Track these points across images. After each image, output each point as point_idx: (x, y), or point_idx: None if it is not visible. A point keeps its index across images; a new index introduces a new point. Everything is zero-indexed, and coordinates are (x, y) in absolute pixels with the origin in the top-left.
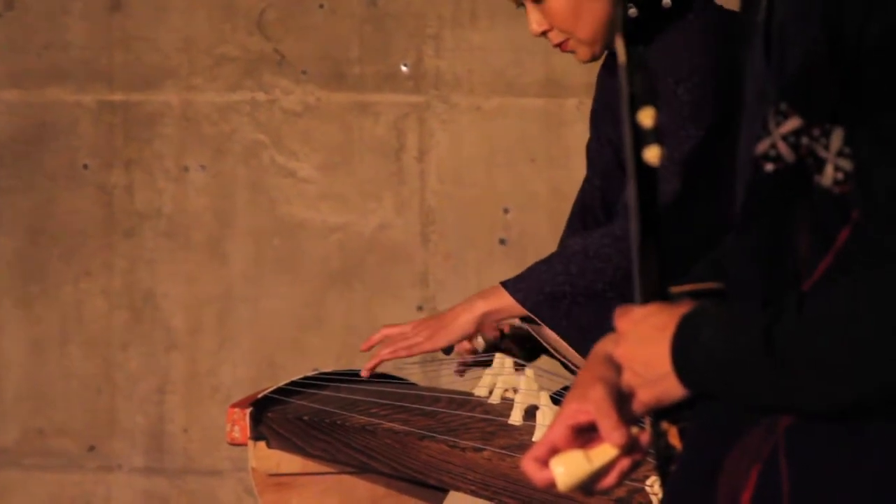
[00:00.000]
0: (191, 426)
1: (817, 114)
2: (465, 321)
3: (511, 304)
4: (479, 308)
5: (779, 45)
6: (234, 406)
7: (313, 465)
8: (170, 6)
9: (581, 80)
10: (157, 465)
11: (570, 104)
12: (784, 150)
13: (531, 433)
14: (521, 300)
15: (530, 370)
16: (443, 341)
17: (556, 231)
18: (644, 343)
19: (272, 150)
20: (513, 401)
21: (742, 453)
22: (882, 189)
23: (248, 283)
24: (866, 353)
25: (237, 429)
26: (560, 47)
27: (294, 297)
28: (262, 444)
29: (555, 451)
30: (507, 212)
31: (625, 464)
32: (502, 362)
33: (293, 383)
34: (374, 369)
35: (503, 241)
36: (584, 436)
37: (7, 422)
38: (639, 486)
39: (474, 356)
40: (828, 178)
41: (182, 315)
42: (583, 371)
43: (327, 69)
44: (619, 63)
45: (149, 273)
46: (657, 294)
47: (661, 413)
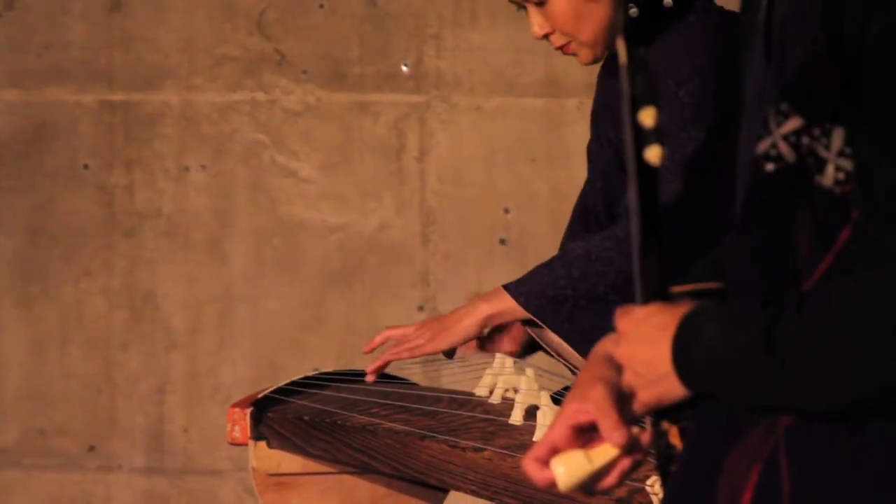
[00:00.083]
0: (191, 426)
1: (818, 114)
2: (468, 324)
3: (513, 307)
4: (482, 311)
5: (779, 45)
6: (235, 406)
7: (314, 465)
8: (170, 6)
9: (581, 80)
10: (158, 465)
11: (571, 104)
12: (785, 149)
13: (532, 433)
14: (523, 304)
15: (531, 370)
16: (445, 343)
17: (556, 231)
18: (645, 343)
19: (272, 150)
20: (513, 401)
21: (742, 453)
22: (882, 189)
23: (249, 282)
24: (866, 353)
25: (238, 429)
26: (562, 50)
27: (294, 297)
28: (263, 444)
29: (555, 450)
30: (507, 212)
31: (625, 464)
32: (503, 362)
33: (293, 383)
34: (378, 371)
35: (503, 241)
36: (585, 436)
37: (7, 422)
38: (639, 485)
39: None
40: (829, 177)
41: (182, 315)
42: (583, 371)
43: (328, 69)
44: (621, 63)
45: (149, 273)
46: (658, 294)
47: (662, 413)
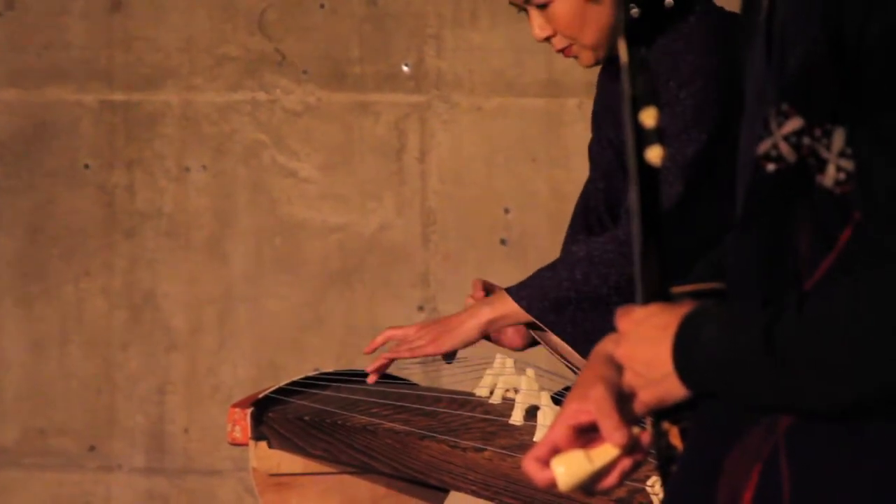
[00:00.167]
0: (191, 426)
1: (818, 114)
2: (470, 327)
3: (516, 310)
4: (485, 315)
5: (780, 46)
6: (235, 406)
7: (314, 465)
8: (170, 6)
9: (582, 80)
10: (158, 464)
11: (571, 104)
12: (786, 150)
13: (532, 433)
14: (525, 307)
15: (531, 370)
16: (446, 346)
17: (556, 231)
18: (645, 343)
19: (273, 150)
20: (514, 401)
21: (742, 453)
22: (882, 189)
23: (249, 282)
24: (866, 353)
25: (238, 429)
26: (563, 53)
27: (294, 297)
28: (264, 444)
29: (556, 451)
30: (507, 212)
31: (626, 464)
32: (503, 362)
33: (294, 383)
34: (379, 371)
35: (504, 242)
36: (586, 436)
37: (7, 421)
38: (640, 486)
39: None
40: (829, 178)
41: (182, 315)
42: (584, 371)
43: (328, 69)
44: (622, 64)
45: (149, 273)
46: (659, 294)
47: (663, 413)
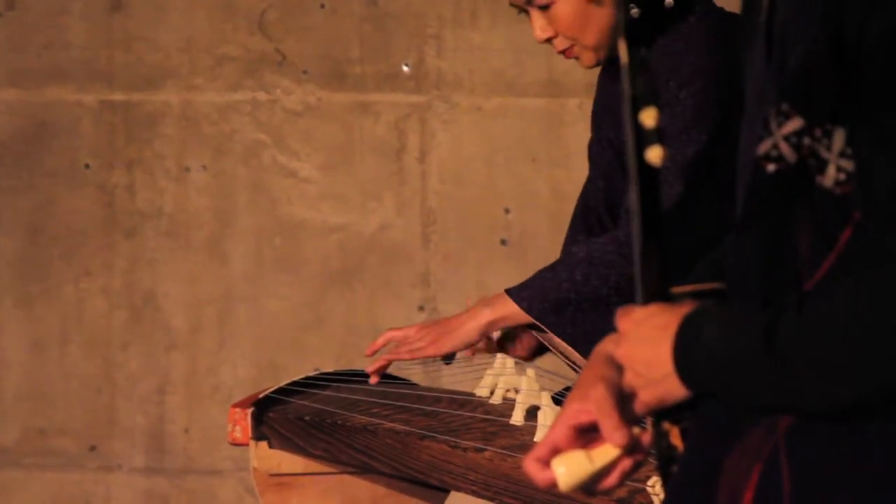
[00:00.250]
0: (191, 426)
1: (819, 114)
2: (470, 329)
3: (516, 311)
4: (485, 316)
5: (780, 46)
6: (236, 406)
7: (314, 465)
8: (170, 6)
9: (582, 81)
10: (158, 464)
11: (572, 104)
12: (786, 150)
13: (532, 433)
14: (526, 308)
15: (531, 370)
16: (446, 347)
17: (556, 231)
18: (646, 343)
19: (273, 150)
20: (514, 401)
21: (743, 453)
22: (882, 189)
23: (249, 282)
24: (866, 353)
25: (239, 429)
26: (564, 54)
27: (294, 297)
28: (264, 444)
29: (556, 451)
30: (507, 212)
31: (626, 464)
32: (504, 362)
33: (294, 383)
34: (379, 372)
35: (504, 242)
36: (586, 436)
37: (7, 421)
38: (640, 486)
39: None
40: (830, 178)
41: (182, 315)
42: (584, 371)
43: (328, 69)
44: (622, 64)
45: (149, 273)
46: (659, 294)
47: (663, 413)
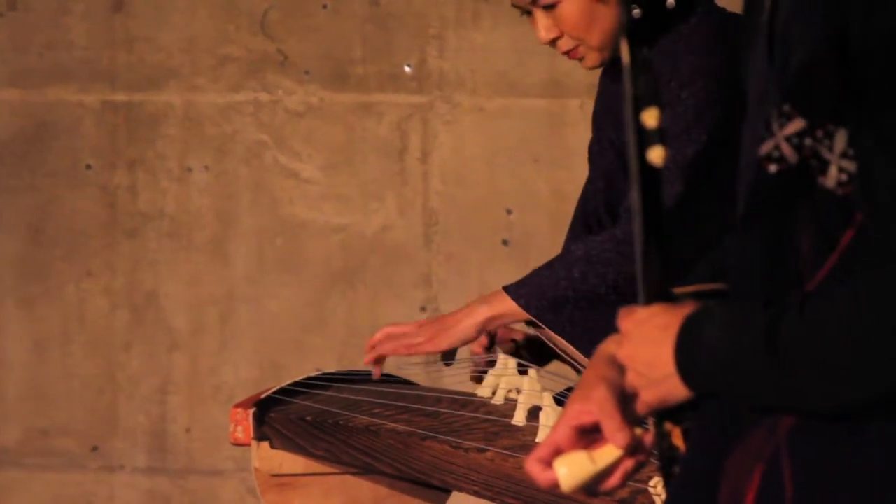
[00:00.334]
0: (193, 426)
1: (820, 115)
2: (468, 326)
3: (514, 309)
4: (483, 313)
5: (782, 46)
6: (238, 406)
7: (316, 466)
8: (172, 6)
9: (583, 81)
10: (160, 465)
11: (573, 105)
12: (788, 151)
13: (534, 434)
14: (523, 305)
15: (533, 371)
16: (444, 344)
17: (558, 232)
18: (647, 344)
19: (275, 151)
20: (516, 401)
21: (744, 454)
22: (883, 189)
23: (251, 283)
24: (868, 354)
25: (240, 429)
26: (568, 55)
27: (296, 298)
28: (266, 445)
29: (558, 451)
30: (509, 212)
31: (628, 465)
32: (505, 363)
33: (296, 384)
34: (375, 363)
35: (506, 242)
36: (588, 437)
37: (9, 422)
38: (642, 487)
39: (486, 356)
40: (831, 179)
41: (184, 315)
42: (586, 372)
43: (330, 69)
44: (624, 64)
45: (151, 273)
46: (660, 295)
47: (665, 414)
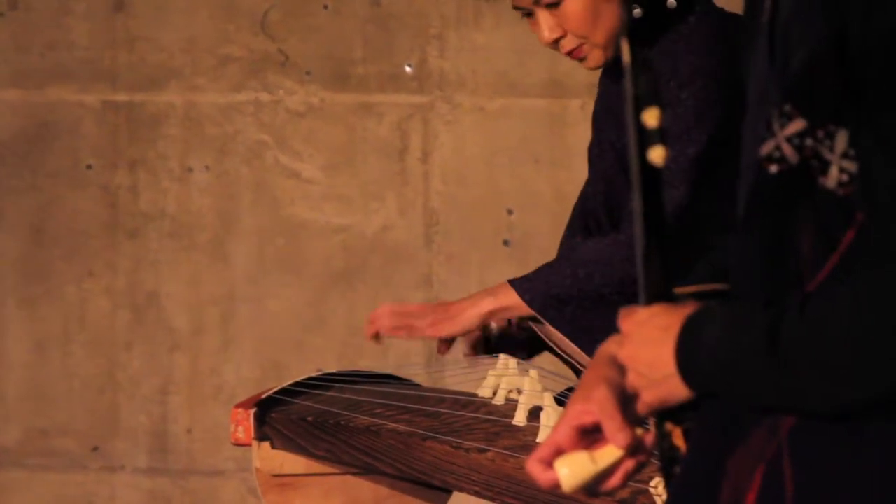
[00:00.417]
0: (194, 426)
1: (821, 115)
2: (471, 316)
3: (518, 303)
4: (487, 305)
5: (783, 47)
6: (238, 406)
7: (317, 466)
8: (173, 6)
9: (584, 81)
10: (161, 465)
11: (574, 105)
12: (788, 151)
13: (535, 434)
14: (528, 301)
15: (534, 371)
16: (445, 331)
17: (559, 232)
18: (648, 344)
19: (276, 151)
20: (516, 402)
21: (745, 455)
22: (883, 189)
23: (252, 283)
24: (868, 354)
25: (241, 429)
26: (571, 54)
27: (297, 298)
28: (267, 445)
29: (559, 452)
30: (510, 213)
31: (629, 465)
32: (506, 363)
33: (297, 384)
34: (374, 337)
35: (507, 243)
36: (589, 437)
37: (10, 422)
38: (643, 487)
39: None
40: (832, 179)
41: (185, 315)
42: (587, 372)
43: (331, 70)
44: (624, 64)
45: (152, 273)
46: (661, 295)
47: (666, 414)
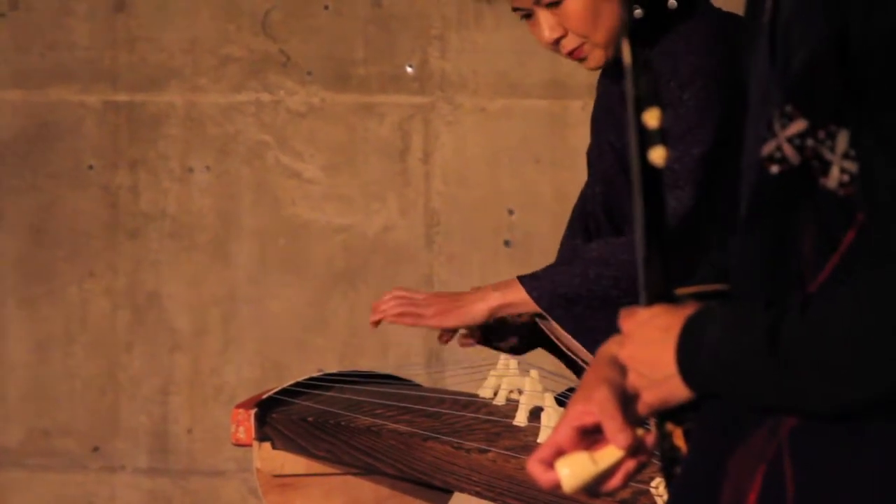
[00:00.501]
0: (195, 427)
1: (822, 116)
2: (480, 309)
3: (525, 299)
4: (494, 300)
5: (784, 47)
6: (239, 407)
7: (318, 466)
8: (174, 7)
9: (585, 82)
10: (161, 465)
11: (575, 105)
12: (789, 152)
13: (536, 434)
14: (536, 298)
15: (535, 371)
16: (451, 322)
17: (560, 233)
18: (649, 344)
19: (277, 151)
20: (517, 402)
21: (746, 455)
22: (883, 189)
23: (253, 283)
24: (869, 354)
25: (242, 430)
26: (572, 54)
27: (298, 298)
28: (267, 445)
29: (560, 452)
30: (511, 213)
31: (630, 465)
32: (507, 363)
33: (298, 384)
34: (378, 324)
35: (508, 243)
36: (590, 437)
37: (11, 422)
38: (644, 487)
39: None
40: (833, 180)
41: (186, 316)
42: (588, 372)
43: (332, 70)
44: (625, 64)
45: (153, 274)
46: (662, 296)
47: (666, 414)
